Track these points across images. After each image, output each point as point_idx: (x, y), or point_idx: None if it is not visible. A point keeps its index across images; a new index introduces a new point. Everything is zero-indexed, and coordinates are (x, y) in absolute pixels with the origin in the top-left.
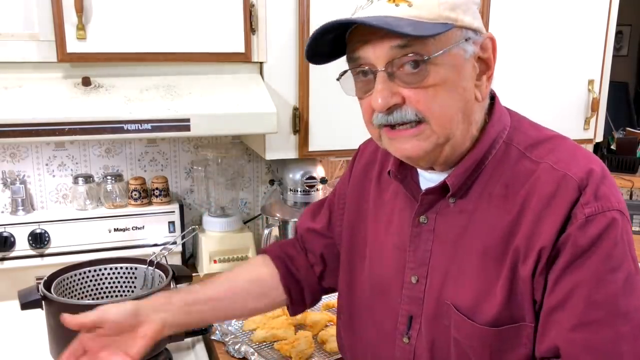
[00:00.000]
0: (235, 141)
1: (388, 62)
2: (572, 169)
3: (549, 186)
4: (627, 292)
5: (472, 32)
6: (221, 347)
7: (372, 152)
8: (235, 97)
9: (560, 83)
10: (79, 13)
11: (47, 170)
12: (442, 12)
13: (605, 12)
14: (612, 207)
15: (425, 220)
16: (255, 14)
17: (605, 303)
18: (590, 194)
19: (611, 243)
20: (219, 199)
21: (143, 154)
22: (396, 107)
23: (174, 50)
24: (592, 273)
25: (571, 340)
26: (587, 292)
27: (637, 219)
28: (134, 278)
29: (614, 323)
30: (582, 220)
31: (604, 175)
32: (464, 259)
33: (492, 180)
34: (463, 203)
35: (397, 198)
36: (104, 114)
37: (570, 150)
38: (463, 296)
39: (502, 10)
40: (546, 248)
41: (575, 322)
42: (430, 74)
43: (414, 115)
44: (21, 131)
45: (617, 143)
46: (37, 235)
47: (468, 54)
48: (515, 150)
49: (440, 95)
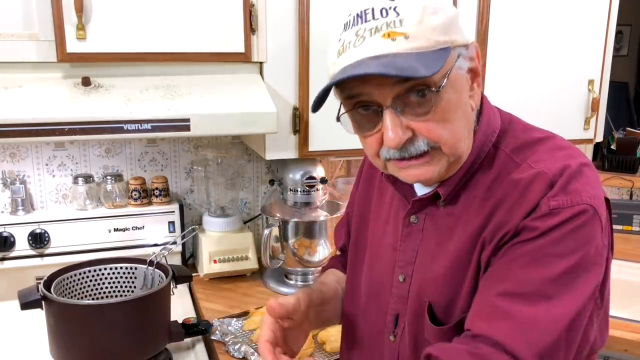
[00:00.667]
0: (235, 141)
1: (394, 97)
2: (547, 165)
3: (523, 182)
4: (563, 282)
5: (463, 48)
6: (221, 347)
7: None
8: (235, 97)
9: (560, 83)
10: (79, 13)
11: (47, 170)
12: (437, 38)
13: (605, 12)
14: (581, 201)
15: (416, 220)
16: (255, 14)
17: (539, 282)
18: (559, 187)
19: (568, 231)
20: (219, 199)
21: (143, 154)
22: (408, 141)
23: (174, 50)
24: (537, 250)
25: (494, 304)
26: (521, 267)
27: (637, 219)
28: (134, 278)
29: (539, 302)
30: (545, 211)
31: (579, 171)
32: (443, 261)
33: (478, 184)
34: (451, 206)
35: (393, 199)
36: (103, 114)
37: (551, 149)
38: (438, 296)
39: (502, 10)
40: (508, 233)
41: (504, 289)
42: (437, 102)
43: (426, 146)
44: (21, 131)
45: (617, 143)
46: (37, 235)
47: (463, 71)
48: (502, 154)
49: (449, 119)
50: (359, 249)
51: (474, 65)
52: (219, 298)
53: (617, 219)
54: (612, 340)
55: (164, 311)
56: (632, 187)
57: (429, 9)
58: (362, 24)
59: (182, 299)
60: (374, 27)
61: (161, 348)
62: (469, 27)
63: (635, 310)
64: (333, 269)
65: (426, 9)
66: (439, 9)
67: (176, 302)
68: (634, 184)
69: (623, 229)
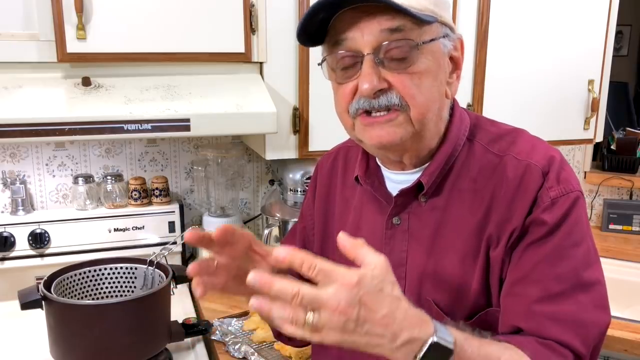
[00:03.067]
0: (235, 141)
1: (376, 46)
2: (533, 157)
3: (515, 175)
4: (587, 265)
5: (449, 29)
6: (221, 347)
7: (331, 164)
8: (235, 97)
9: (560, 83)
10: (79, 13)
11: (47, 170)
12: (428, 5)
13: (605, 12)
14: (573, 188)
15: (399, 221)
16: (255, 14)
17: (568, 276)
18: (553, 178)
19: (573, 221)
20: (219, 199)
21: (143, 154)
22: (382, 91)
23: (174, 50)
24: (556, 248)
25: (536, 312)
26: (550, 266)
27: (637, 219)
28: (134, 278)
29: (577, 295)
30: (548, 203)
31: (562, 161)
32: (442, 257)
33: (460, 177)
34: (434, 201)
35: (364, 204)
36: (104, 114)
37: (529, 142)
38: (443, 293)
39: (502, 10)
40: (516, 229)
41: (540, 294)
42: (416, 61)
43: (398, 100)
44: (21, 131)
45: (617, 143)
46: (37, 235)
47: (446, 50)
48: (478, 146)
49: (424, 83)
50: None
51: (457, 55)
52: (219, 298)
53: (617, 219)
54: (612, 340)
55: (164, 311)
56: (632, 187)
57: None
58: None
59: (182, 299)
60: None
61: (161, 348)
62: (469, 27)
63: (635, 310)
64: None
65: None
66: None
67: (176, 302)
68: (634, 184)
69: (623, 229)
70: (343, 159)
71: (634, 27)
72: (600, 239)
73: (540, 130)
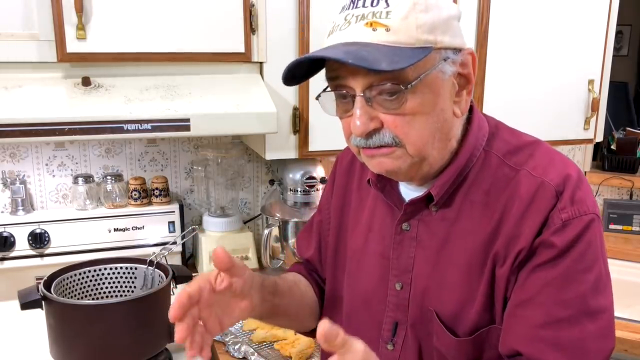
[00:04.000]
0: (235, 141)
1: (367, 87)
2: (549, 174)
3: (528, 192)
4: (596, 292)
5: (451, 51)
6: (221, 347)
7: (350, 160)
8: (235, 97)
9: (560, 83)
10: (79, 13)
11: (47, 170)
12: (420, 36)
13: (605, 12)
14: (588, 211)
15: (408, 227)
16: (255, 14)
17: (575, 302)
18: (567, 199)
19: (585, 245)
20: (219, 199)
21: (143, 154)
22: (375, 131)
23: (174, 50)
24: (564, 272)
25: (538, 337)
26: (557, 290)
27: (637, 219)
28: (134, 278)
29: (582, 322)
30: (559, 225)
31: (580, 180)
32: (447, 267)
33: (473, 188)
34: (445, 211)
35: (377, 206)
36: (103, 114)
37: (547, 156)
38: (446, 305)
39: (502, 10)
40: (524, 250)
41: (544, 319)
42: (408, 101)
43: (391, 139)
44: (21, 131)
45: (617, 143)
46: (37, 235)
47: (447, 75)
48: (494, 158)
49: (418, 121)
50: (339, 258)
51: (467, 72)
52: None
53: (617, 219)
54: None
55: (164, 311)
56: (632, 187)
57: (420, 5)
58: (352, 9)
59: None
60: (360, 14)
61: (161, 348)
62: (469, 27)
63: (635, 310)
64: (295, 273)
65: (417, 5)
66: (432, 8)
67: None
68: (634, 184)
69: (623, 229)
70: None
71: (634, 27)
72: None
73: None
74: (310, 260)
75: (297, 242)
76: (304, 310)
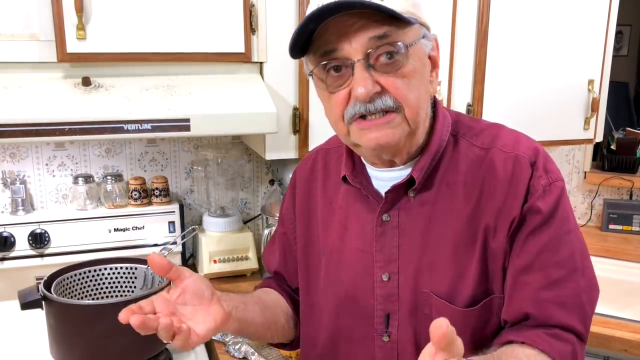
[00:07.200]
0: (235, 141)
1: (365, 53)
2: (520, 149)
3: (505, 167)
4: (580, 249)
5: (427, 30)
6: (221, 347)
7: (310, 168)
8: (235, 97)
9: (560, 83)
10: (79, 13)
11: (47, 170)
12: (408, 7)
13: (605, 12)
14: (559, 177)
15: (388, 217)
16: (255, 14)
17: (567, 262)
18: (541, 168)
19: (563, 209)
20: (219, 199)
21: (143, 154)
22: (376, 95)
23: (174, 50)
24: (553, 236)
25: (543, 298)
26: (551, 254)
27: (637, 219)
28: (134, 278)
29: (575, 278)
30: (540, 191)
31: (545, 153)
32: (435, 248)
33: (448, 171)
34: (423, 196)
35: (349, 204)
36: (104, 114)
37: (511, 135)
38: (439, 284)
39: (502, 10)
40: (515, 218)
41: (545, 281)
42: (405, 64)
43: (392, 102)
44: (21, 131)
45: (617, 143)
46: (37, 235)
47: (427, 50)
48: (463, 141)
49: (414, 84)
50: (311, 264)
51: (434, 55)
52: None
53: (617, 219)
54: (612, 340)
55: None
56: (632, 187)
57: None
58: None
59: None
60: None
61: (161, 348)
62: (469, 27)
63: (635, 310)
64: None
65: None
66: None
67: None
68: (634, 184)
69: (623, 229)
70: (322, 160)
71: (634, 27)
72: (600, 239)
73: (540, 130)
74: (277, 272)
75: (264, 258)
76: (279, 317)
